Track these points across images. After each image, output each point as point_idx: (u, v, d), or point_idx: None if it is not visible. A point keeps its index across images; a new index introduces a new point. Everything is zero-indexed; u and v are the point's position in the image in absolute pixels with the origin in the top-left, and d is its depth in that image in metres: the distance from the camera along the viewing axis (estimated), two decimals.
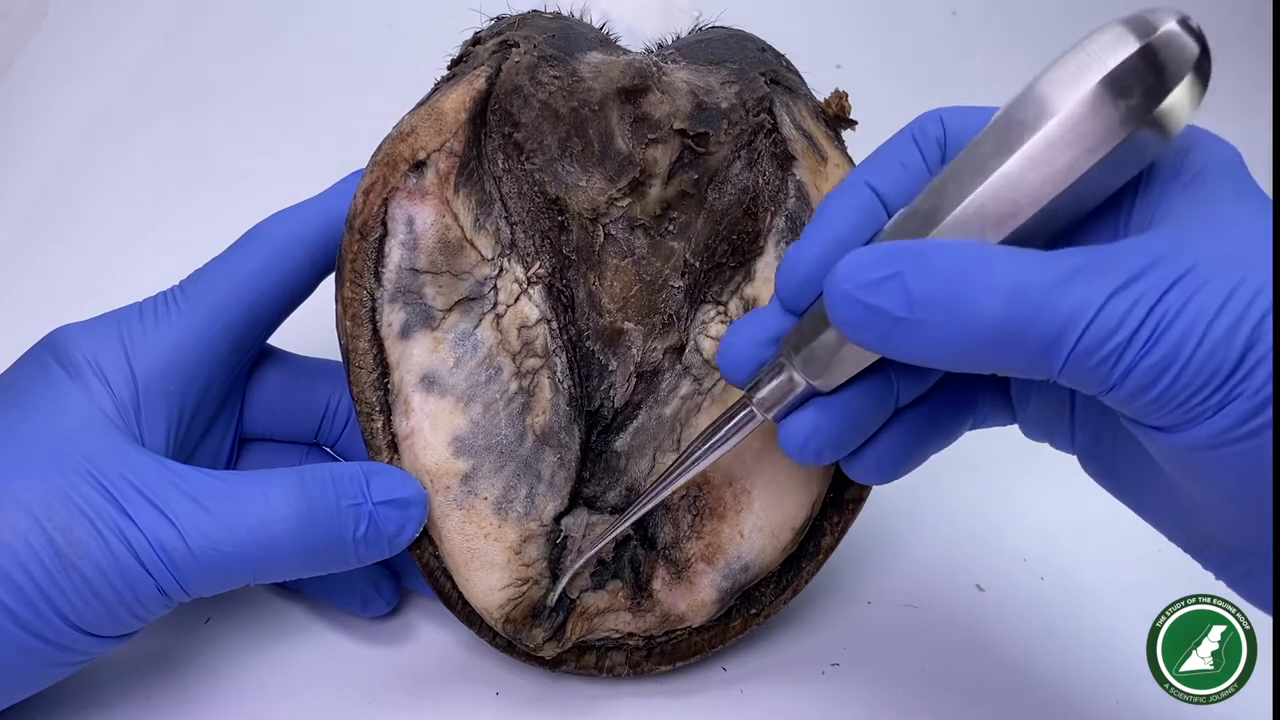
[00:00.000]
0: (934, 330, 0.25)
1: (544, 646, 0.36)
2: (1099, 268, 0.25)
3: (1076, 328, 0.24)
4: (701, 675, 0.39)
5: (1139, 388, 0.25)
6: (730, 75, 0.36)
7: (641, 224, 0.36)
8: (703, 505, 0.36)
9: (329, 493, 0.33)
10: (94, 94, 0.62)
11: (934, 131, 0.30)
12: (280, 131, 0.61)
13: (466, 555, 0.35)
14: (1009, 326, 0.25)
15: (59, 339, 0.35)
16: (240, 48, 0.66)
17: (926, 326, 0.25)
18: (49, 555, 0.31)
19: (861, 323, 0.26)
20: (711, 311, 0.36)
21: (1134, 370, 0.24)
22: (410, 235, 0.35)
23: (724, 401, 0.36)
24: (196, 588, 0.32)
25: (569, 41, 0.36)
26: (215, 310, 0.35)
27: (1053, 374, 0.25)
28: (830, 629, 0.41)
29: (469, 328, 0.35)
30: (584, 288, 0.36)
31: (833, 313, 0.27)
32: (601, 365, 0.36)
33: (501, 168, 0.36)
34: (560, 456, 0.35)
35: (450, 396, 0.35)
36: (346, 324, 0.35)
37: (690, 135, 0.35)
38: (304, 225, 0.37)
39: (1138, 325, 0.24)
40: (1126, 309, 0.24)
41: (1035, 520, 0.45)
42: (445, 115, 0.35)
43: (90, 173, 0.58)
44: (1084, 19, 0.28)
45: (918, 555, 0.44)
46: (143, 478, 0.32)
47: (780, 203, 0.36)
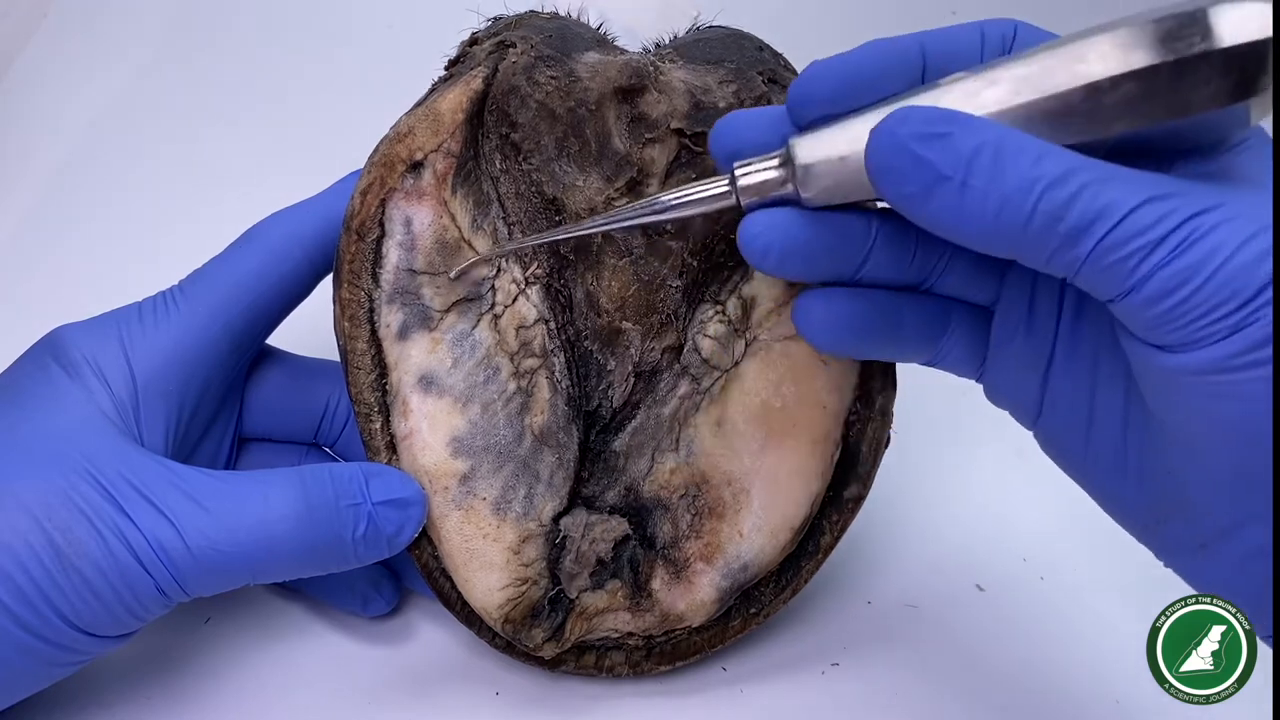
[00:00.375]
0: (972, 196, 0.26)
1: (543, 646, 0.36)
2: (1140, 180, 0.25)
3: (1110, 218, 0.25)
4: (701, 675, 0.39)
5: (1157, 294, 0.25)
6: (728, 75, 0.36)
7: None
8: (702, 505, 0.36)
9: (328, 493, 0.33)
10: (94, 94, 0.62)
11: (1004, 30, 0.30)
12: (279, 132, 0.61)
13: (465, 555, 0.35)
14: (1046, 205, 0.25)
15: (59, 339, 0.35)
16: (239, 48, 0.66)
17: (966, 191, 0.26)
18: (49, 555, 0.31)
19: (905, 172, 0.26)
20: (710, 311, 0.36)
21: (1157, 274, 0.25)
22: (408, 236, 0.35)
23: (723, 401, 0.36)
24: (196, 587, 0.32)
25: (566, 41, 0.36)
26: (214, 310, 0.35)
27: (1075, 266, 0.25)
28: (830, 629, 0.41)
29: (467, 328, 0.35)
30: (582, 288, 0.36)
31: (876, 158, 0.27)
32: (600, 365, 0.36)
33: (499, 168, 0.36)
34: (559, 456, 0.35)
35: (448, 397, 0.35)
36: (344, 325, 0.35)
37: (688, 135, 0.35)
38: (302, 225, 0.37)
39: (1169, 231, 0.25)
40: (1161, 215, 0.25)
41: (1035, 520, 0.45)
42: (442, 116, 0.35)
43: (90, 173, 0.58)
44: (1084, 19, 0.28)
45: (918, 555, 0.44)
46: (142, 477, 0.32)
47: None
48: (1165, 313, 0.25)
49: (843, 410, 0.37)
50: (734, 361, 0.36)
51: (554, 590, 0.36)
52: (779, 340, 0.36)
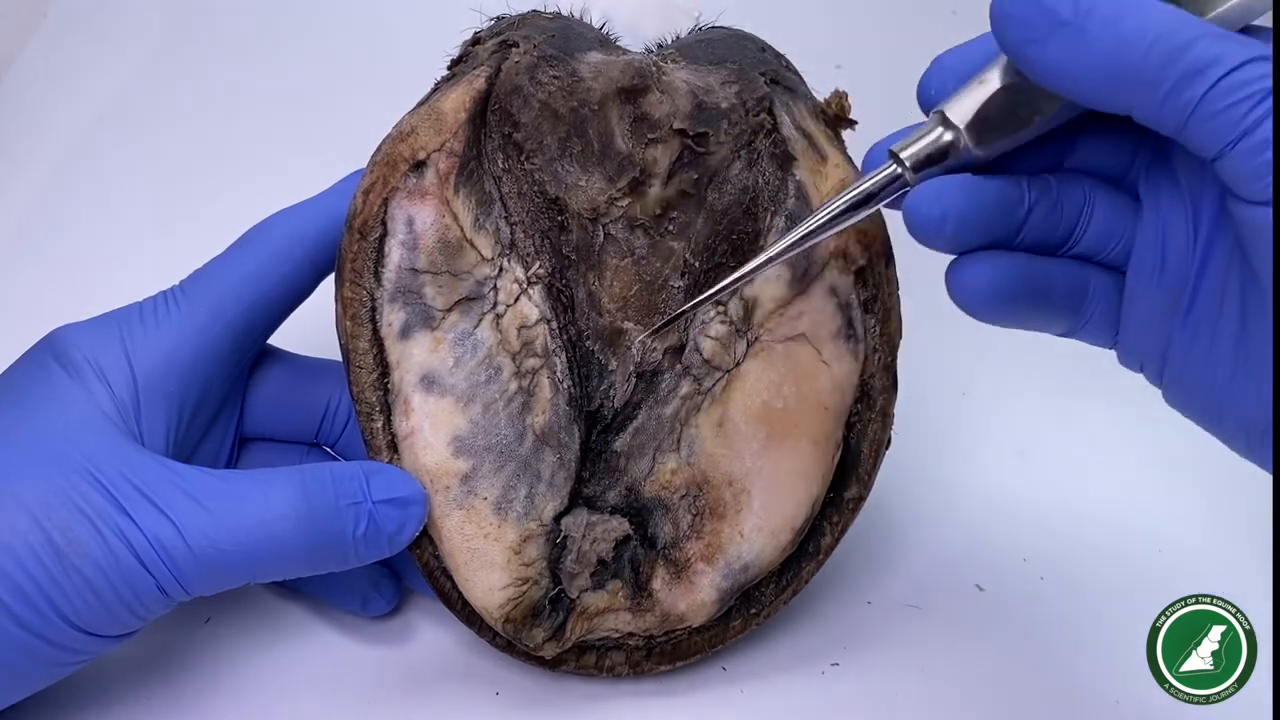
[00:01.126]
0: (1091, 41, 0.27)
1: (544, 646, 0.36)
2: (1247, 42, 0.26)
3: (1224, 65, 0.26)
4: (701, 675, 0.39)
5: (1264, 141, 0.25)
6: (730, 75, 0.36)
7: (641, 224, 0.36)
8: (703, 505, 0.36)
9: (329, 491, 0.33)
10: (94, 94, 0.62)
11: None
12: (280, 131, 0.61)
13: (466, 555, 0.35)
14: (1161, 50, 0.26)
15: (59, 339, 0.35)
16: (240, 47, 0.66)
17: (1085, 37, 0.27)
18: (49, 555, 0.31)
19: (1026, 19, 0.28)
20: (711, 312, 0.36)
21: (1267, 120, 0.25)
22: (410, 235, 0.35)
23: (724, 401, 0.36)
24: (196, 586, 0.32)
25: (569, 41, 0.36)
26: (215, 310, 0.35)
27: (1188, 109, 0.26)
28: (830, 629, 0.41)
29: (469, 328, 0.35)
30: (584, 288, 0.36)
31: (1001, 6, 0.28)
32: (601, 365, 0.36)
33: (501, 168, 0.36)
34: (560, 456, 0.35)
35: (450, 396, 0.35)
36: (346, 324, 0.35)
37: (690, 135, 0.35)
38: (304, 225, 0.37)
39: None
40: (1270, 69, 0.26)
41: (1035, 520, 0.45)
42: (445, 115, 0.35)
43: (90, 173, 0.58)
44: None
45: (918, 555, 0.44)
46: (142, 477, 0.32)
47: (780, 203, 0.36)
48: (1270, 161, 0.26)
49: (844, 411, 0.37)
50: (735, 362, 0.36)
51: (555, 590, 0.36)
52: (781, 341, 0.36)
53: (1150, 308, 0.32)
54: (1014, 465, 0.47)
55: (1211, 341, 0.30)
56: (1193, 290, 0.31)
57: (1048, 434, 0.48)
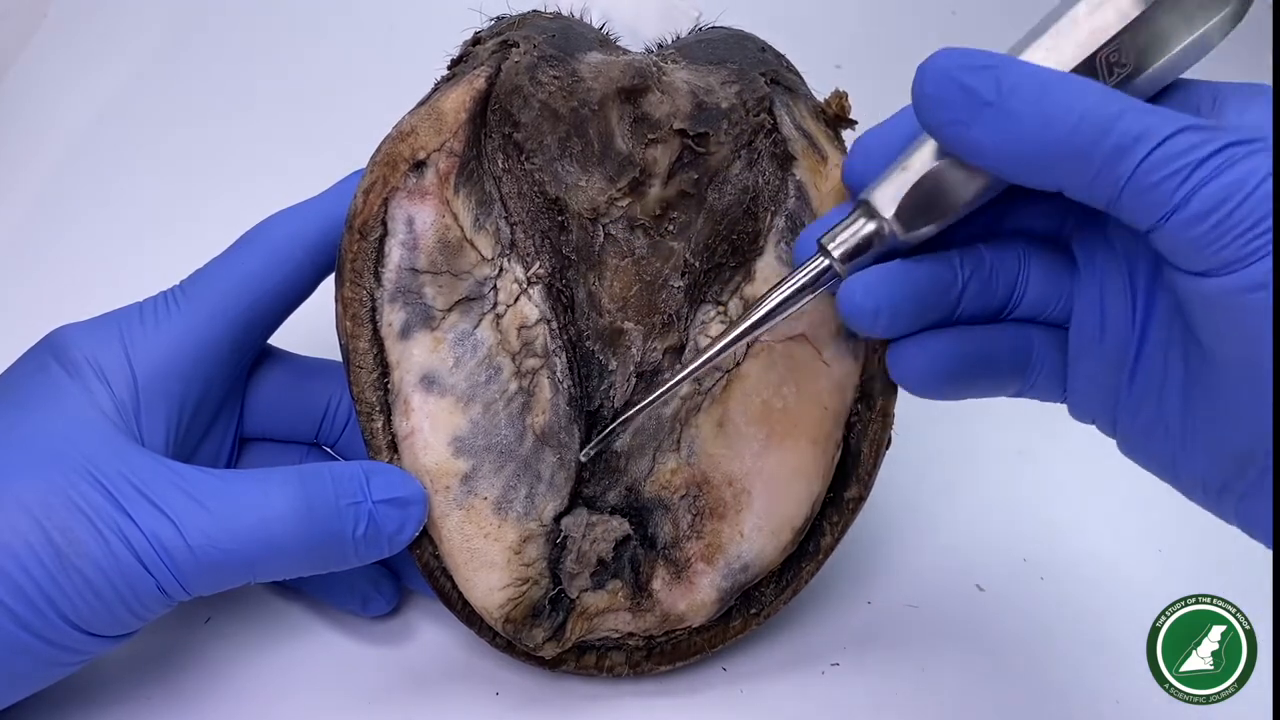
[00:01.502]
0: (1016, 122, 0.27)
1: (544, 646, 0.36)
2: (1173, 114, 0.26)
3: (1151, 140, 0.26)
4: (701, 675, 0.39)
5: (1200, 213, 0.25)
6: (730, 75, 0.36)
7: (641, 224, 0.36)
8: (702, 505, 0.36)
9: (328, 491, 0.33)
10: (94, 94, 0.62)
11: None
12: (280, 131, 0.61)
13: (466, 555, 0.35)
14: (1088, 127, 0.26)
15: (59, 339, 0.35)
16: (240, 48, 0.66)
17: (1010, 117, 0.27)
18: (49, 555, 0.31)
19: (950, 100, 0.27)
20: (711, 311, 0.36)
21: (1199, 193, 0.25)
22: (410, 235, 0.35)
23: (724, 401, 0.36)
24: (196, 586, 0.32)
25: (569, 41, 0.36)
26: (215, 310, 0.35)
27: (1118, 186, 0.26)
28: (830, 629, 0.41)
29: (469, 328, 0.35)
30: (584, 288, 0.36)
31: (923, 88, 0.28)
32: (601, 365, 0.36)
33: (501, 168, 0.36)
34: (560, 456, 0.35)
35: (450, 396, 0.35)
36: (346, 324, 0.35)
37: (690, 135, 0.35)
38: (304, 225, 0.37)
39: (1208, 155, 0.25)
40: (1198, 141, 0.26)
41: (1035, 520, 0.45)
42: (445, 115, 0.35)
43: (91, 173, 0.58)
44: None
45: (918, 555, 0.44)
46: (142, 477, 0.32)
47: (780, 203, 0.36)
48: (1209, 231, 0.25)
49: (844, 411, 0.37)
50: (735, 362, 0.36)
51: (555, 590, 0.36)
52: (781, 341, 0.36)
53: (1095, 367, 0.32)
54: (1014, 465, 0.47)
55: (1159, 402, 0.30)
56: (1135, 354, 0.31)
57: (1048, 434, 0.48)
